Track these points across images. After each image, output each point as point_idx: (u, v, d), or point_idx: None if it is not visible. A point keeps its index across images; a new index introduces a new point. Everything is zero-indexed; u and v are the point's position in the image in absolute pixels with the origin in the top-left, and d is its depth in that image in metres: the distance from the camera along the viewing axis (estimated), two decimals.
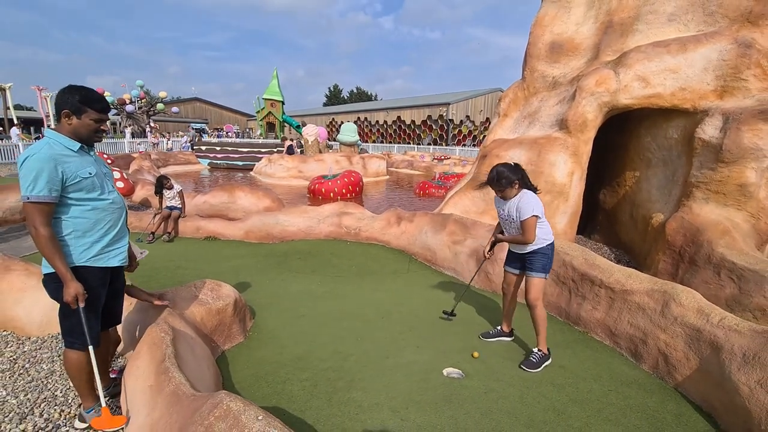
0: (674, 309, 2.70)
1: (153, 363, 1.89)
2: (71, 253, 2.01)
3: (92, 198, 2.05)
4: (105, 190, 2.13)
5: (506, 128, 6.63)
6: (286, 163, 14.74)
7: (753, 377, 2.07)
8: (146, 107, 29.52)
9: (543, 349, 2.88)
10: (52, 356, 3.01)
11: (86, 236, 2.05)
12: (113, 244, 2.18)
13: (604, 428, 2.20)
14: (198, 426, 1.35)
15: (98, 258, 2.10)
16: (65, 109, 1.98)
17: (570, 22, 6.44)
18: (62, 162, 1.93)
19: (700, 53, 4.81)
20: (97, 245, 2.09)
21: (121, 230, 2.24)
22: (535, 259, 2.88)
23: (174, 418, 1.51)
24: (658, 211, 5.27)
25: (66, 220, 2.00)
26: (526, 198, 2.78)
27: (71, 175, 1.96)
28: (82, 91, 2.01)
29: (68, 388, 2.62)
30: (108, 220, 2.14)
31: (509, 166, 2.85)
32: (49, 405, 2.47)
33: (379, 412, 2.30)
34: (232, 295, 3.25)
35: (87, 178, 2.01)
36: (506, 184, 2.80)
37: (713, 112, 4.52)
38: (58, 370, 2.83)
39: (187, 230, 6.45)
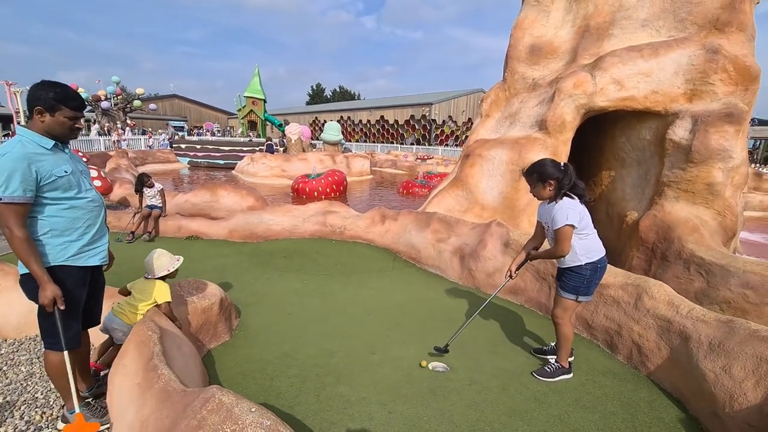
0: (646, 302, 2.84)
1: (141, 361, 1.88)
2: (49, 253, 1.97)
3: (69, 197, 2.01)
4: (82, 188, 2.08)
5: (488, 128, 6.77)
6: (269, 162, 14.60)
7: (718, 364, 2.21)
8: (122, 104, 28.65)
9: (562, 363, 2.67)
10: (30, 358, 2.94)
11: (64, 235, 2.01)
12: (92, 243, 2.14)
13: (582, 415, 2.31)
14: (191, 420, 1.36)
15: (77, 257, 2.06)
16: (38, 106, 1.91)
17: (549, 26, 6.62)
18: (36, 161, 1.87)
19: (671, 58, 5.03)
20: (75, 244, 2.04)
21: (100, 229, 2.20)
22: (571, 279, 2.54)
23: (165, 413, 1.52)
24: (632, 209, 5.49)
25: (42, 219, 1.95)
26: (565, 204, 2.42)
27: (46, 174, 1.90)
28: (57, 88, 1.95)
29: (49, 390, 2.57)
30: (86, 218, 2.09)
31: (553, 162, 2.50)
32: (29, 407, 2.42)
33: (367, 405, 2.35)
34: (217, 293, 3.24)
35: (62, 176, 1.96)
36: (536, 179, 2.48)
37: (683, 115, 4.74)
38: (37, 372, 2.77)
39: (169, 229, 6.33)
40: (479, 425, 2.19)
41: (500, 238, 4.35)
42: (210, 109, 52.21)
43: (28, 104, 1.93)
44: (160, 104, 41.43)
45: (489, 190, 5.77)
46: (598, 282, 2.58)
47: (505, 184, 5.62)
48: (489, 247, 4.37)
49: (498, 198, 5.68)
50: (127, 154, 16.03)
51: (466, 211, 5.80)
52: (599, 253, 2.54)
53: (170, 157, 18.61)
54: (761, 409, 1.89)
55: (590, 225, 2.50)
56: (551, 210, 2.46)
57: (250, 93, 21.24)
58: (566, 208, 2.39)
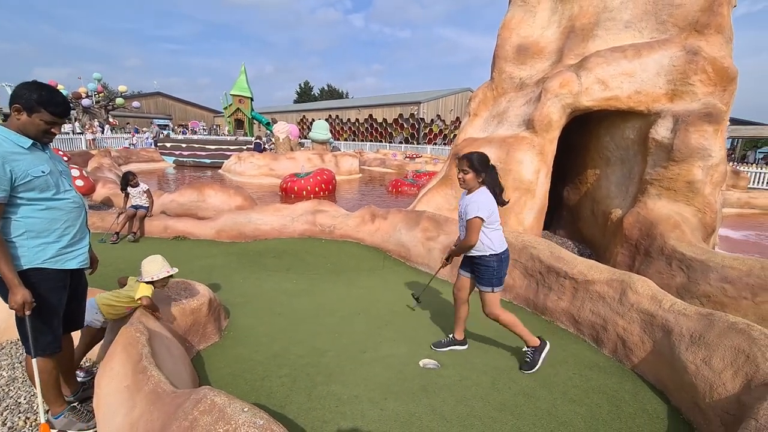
0: (631, 297, 2.91)
1: (129, 363, 1.85)
2: (23, 255, 1.90)
3: (46, 197, 1.94)
4: (60, 188, 2.02)
5: (476, 127, 6.83)
6: (257, 161, 14.46)
7: (699, 356, 2.29)
8: (104, 102, 28.00)
9: (532, 344, 2.76)
10: (12, 363, 2.87)
11: (41, 237, 1.94)
12: (72, 245, 2.07)
13: (570, 408, 2.36)
14: (182, 421, 1.36)
15: (55, 260, 1.99)
16: (17, 104, 1.87)
17: (535, 26, 6.72)
18: (11, 160, 1.81)
19: (653, 59, 5.15)
20: (53, 246, 1.98)
21: (80, 231, 2.13)
22: (480, 270, 2.70)
23: (155, 415, 1.51)
24: (617, 206, 5.61)
25: (17, 220, 1.89)
26: (477, 196, 2.58)
27: (21, 174, 1.84)
28: (43, 91, 1.89)
29: (32, 395, 2.52)
30: (65, 220, 2.02)
31: (485, 156, 2.66)
32: (12, 413, 2.37)
33: (359, 403, 2.36)
34: (206, 294, 3.20)
35: (39, 177, 1.90)
36: (471, 168, 2.58)
37: (665, 114, 4.87)
38: (20, 377, 2.71)
39: (155, 230, 6.23)
40: (470, 420, 2.22)
41: None
42: (195, 107, 51.42)
43: (10, 101, 1.88)
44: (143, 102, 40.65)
45: None
46: (505, 272, 2.75)
47: None
48: None
49: None
50: (110, 153, 15.69)
51: (456, 209, 5.84)
52: (502, 245, 2.71)
53: (155, 156, 18.28)
54: (739, 398, 1.97)
55: (498, 221, 2.69)
56: (467, 200, 2.64)
57: (237, 91, 20.96)
58: (480, 201, 2.56)
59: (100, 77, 28.28)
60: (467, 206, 2.60)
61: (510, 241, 4.12)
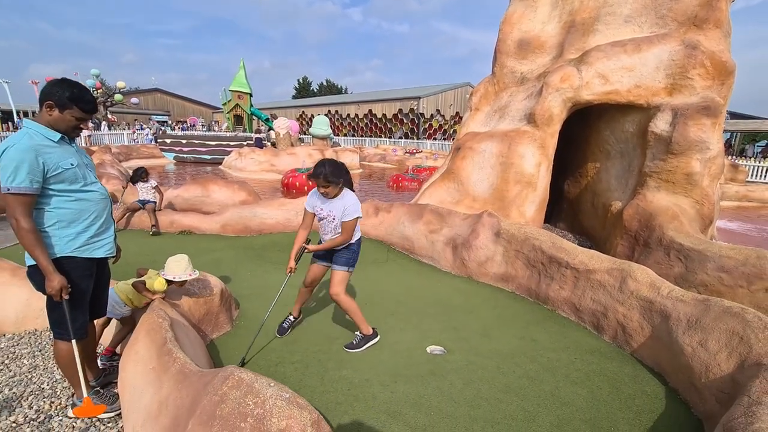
0: (630, 284, 3.01)
1: (154, 347, 1.95)
2: (56, 244, 2.00)
3: (75, 189, 2.04)
4: (88, 180, 2.12)
5: (478, 122, 6.90)
6: (258, 157, 14.52)
7: (695, 339, 2.39)
8: (103, 98, 27.93)
9: (364, 332, 2.95)
10: (32, 351, 2.96)
11: (71, 227, 2.04)
12: (99, 235, 2.17)
13: (572, 390, 2.46)
14: (213, 396, 1.45)
15: (84, 249, 2.09)
16: (50, 101, 1.95)
17: (536, 21, 6.77)
18: (43, 153, 1.90)
19: (652, 53, 5.22)
20: (82, 236, 2.08)
21: (106, 221, 2.24)
22: (343, 255, 2.91)
23: (184, 393, 1.60)
24: (617, 199, 5.70)
25: (49, 210, 1.98)
26: (353, 199, 2.77)
27: (53, 166, 1.93)
28: (75, 89, 1.98)
29: (55, 381, 2.61)
30: (92, 211, 2.12)
31: (339, 164, 2.78)
32: (36, 398, 2.46)
33: (370, 386, 2.46)
34: (218, 285, 3.30)
35: (69, 169, 1.99)
36: (334, 182, 2.69)
37: (664, 108, 4.95)
38: (41, 365, 2.80)
39: (161, 224, 6.31)
40: (476, 401, 2.33)
41: (491, 228, 4.50)
42: (194, 103, 51.26)
43: (41, 97, 1.95)
44: (142, 98, 40.51)
45: (480, 182, 5.91)
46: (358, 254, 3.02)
47: (496, 176, 5.77)
48: (481, 237, 4.51)
49: (488, 189, 5.83)
50: (111, 150, 15.73)
51: (458, 203, 5.94)
52: (359, 232, 3.01)
53: (155, 152, 18.32)
54: (733, 377, 2.07)
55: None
56: (338, 203, 2.78)
57: (236, 87, 20.96)
58: (355, 202, 2.78)
59: (98, 73, 28.19)
60: (346, 208, 2.74)
61: (512, 233, 4.23)
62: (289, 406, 1.38)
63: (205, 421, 1.40)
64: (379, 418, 2.18)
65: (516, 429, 2.13)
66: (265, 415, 1.35)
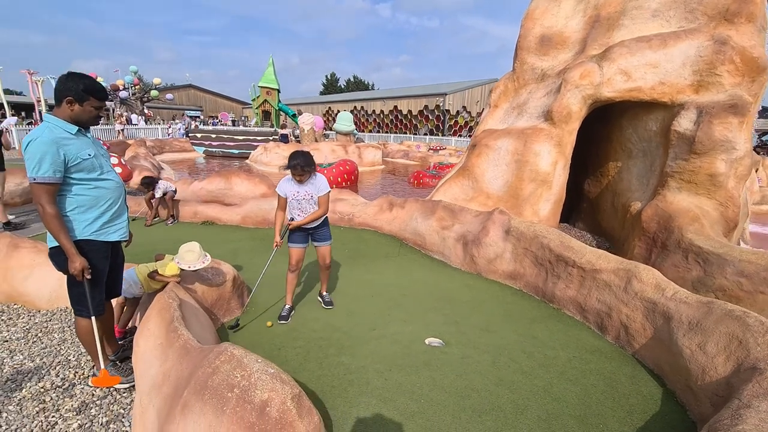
0: (635, 285, 2.97)
1: (163, 324, 2.11)
2: (75, 228, 2.18)
3: (93, 178, 2.22)
4: (104, 169, 2.30)
5: (496, 119, 6.84)
6: (282, 152, 14.86)
7: (695, 341, 2.34)
8: (140, 94, 29.26)
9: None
10: (62, 327, 3.24)
11: (89, 212, 2.22)
12: (114, 220, 2.36)
13: (565, 387, 2.47)
14: (207, 368, 1.58)
15: (100, 232, 2.28)
16: (69, 97, 2.12)
17: (560, 16, 6.62)
18: (63, 145, 2.08)
19: (679, 49, 5.03)
20: (98, 221, 2.26)
21: (120, 207, 2.42)
22: (325, 230, 3.41)
23: (184, 365, 1.75)
24: (637, 199, 5.54)
25: (70, 197, 2.17)
26: (323, 178, 3.28)
27: (72, 157, 2.11)
28: (85, 80, 2.16)
29: (80, 354, 2.86)
30: (108, 198, 2.31)
31: (308, 154, 3.22)
32: (63, 368, 2.70)
33: (365, 373, 2.56)
34: (230, 272, 3.48)
35: (87, 159, 2.17)
36: (308, 170, 3.16)
37: (689, 106, 4.76)
38: (69, 339, 3.06)
39: (185, 214, 6.64)
40: (467, 392, 2.38)
41: (502, 225, 4.49)
42: (225, 98, 52.75)
43: (58, 94, 2.12)
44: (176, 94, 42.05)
45: (494, 180, 5.88)
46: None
47: (510, 174, 5.72)
48: (491, 234, 4.51)
49: (503, 187, 5.79)
50: (145, 143, 16.51)
51: (471, 200, 5.93)
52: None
53: (186, 146, 19.07)
54: (728, 381, 2.03)
55: None
56: (313, 183, 3.24)
57: (265, 83, 21.44)
58: (325, 179, 3.29)
59: (136, 70, 29.53)
60: (320, 187, 3.25)
61: (522, 231, 4.22)
62: (273, 380, 1.49)
63: (198, 390, 1.53)
64: (370, 403, 2.27)
65: (503, 420, 2.17)
66: (249, 387, 1.47)
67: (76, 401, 2.35)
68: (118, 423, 2.20)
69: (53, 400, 2.35)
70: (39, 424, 2.15)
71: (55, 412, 2.26)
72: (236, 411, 1.43)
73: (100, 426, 2.17)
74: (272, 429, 1.40)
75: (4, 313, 3.46)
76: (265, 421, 1.42)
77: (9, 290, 3.63)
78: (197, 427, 1.45)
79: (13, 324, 3.28)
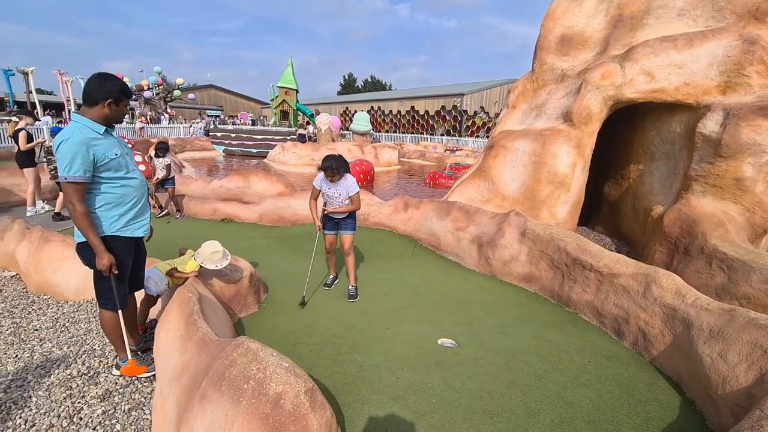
0: (655, 290, 2.90)
1: (182, 317, 2.19)
2: (102, 224, 2.28)
3: (119, 176, 2.31)
4: (129, 168, 2.39)
5: (514, 120, 6.77)
6: (299, 151, 15.05)
7: (715, 349, 2.28)
8: (163, 94, 30.02)
9: (355, 284, 3.94)
10: (88, 317, 3.38)
11: (115, 209, 2.32)
12: (137, 216, 2.45)
13: (579, 392, 2.44)
14: (224, 360, 1.64)
15: (125, 229, 2.37)
16: (110, 98, 2.21)
17: (581, 15, 6.51)
18: (93, 145, 2.16)
19: (705, 49, 4.88)
20: (124, 217, 2.35)
21: (144, 205, 2.52)
22: (350, 222, 3.83)
23: (202, 357, 1.81)
24: (659, 203, 5.40)
25: (98, 195, 2.26)
26: (352, 179, 3.66)
27: (101, 157, 2.19)
28: (119, 82, 2.26)
29: (105, 344, 2.97)
30: (133, 195, 2.40)
31: (340, 157, 3.59)
32: (89, 356, 2.82)
33: (377, 371, 2.58)
34: (248, 269, 3.56)
35: (114, 158, 2.26)
36: (339, 171, 3.53)
37: (715, 108, 4.62)
38: (94, 329, 3.19)
39: (205, 212, 6.80)
40: (479, 393, 2.38)
41: (518, 227, 4.45)
42: (244, 98, 53.67)
43: (95, 95, 2.19)
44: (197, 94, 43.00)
45: (511, 181, 5.83)
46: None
47: (527, 176, 5.66)
48: (507, 236, 4.47)
49: (519, 189, 5.73)
50: (168, 142, 16.95)
51: (487, 201, 5.89)
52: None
53: (206, 145, 19.49)
54: (749, 391, 1.97)
55: None
56: (343, 184, 3.62)
57: (283, 83, 21.72)
58: (355, 181, 3.67)
59: (160, 70, 30.30)
60: (350, 187, 3.64)
61: (538, 233, 4.18)
62: (287, 373, 1.54)
63: (216, 381, 1.58)
64: (381, 400, 2.29)
65: (515, 423, 2.16)
66: (265, 380, 1.51)
67: (100, 389, 2.45)
68: (139, 411, 2.29)
69: (79, 387, 2.46)
70: (66, 409, 2.26)
71: (80, 398, 2.36)
72: (251, 402, 1.48)
73: (122, 413, 2.26)
74: (286, 421, 1.44)
75: (35, 303, 3.62)
76: (279, 413, 1.46)
77: (40, 281, 3.80)
78: (214, 417, 1.50)
79: (42, 313, 3.43)
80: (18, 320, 3.30)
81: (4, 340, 2.99)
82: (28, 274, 3.92)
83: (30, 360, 2.74)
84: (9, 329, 3.15)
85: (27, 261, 3.93)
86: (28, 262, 3.92)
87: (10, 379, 2.51)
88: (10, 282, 4.07)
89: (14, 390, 2.41)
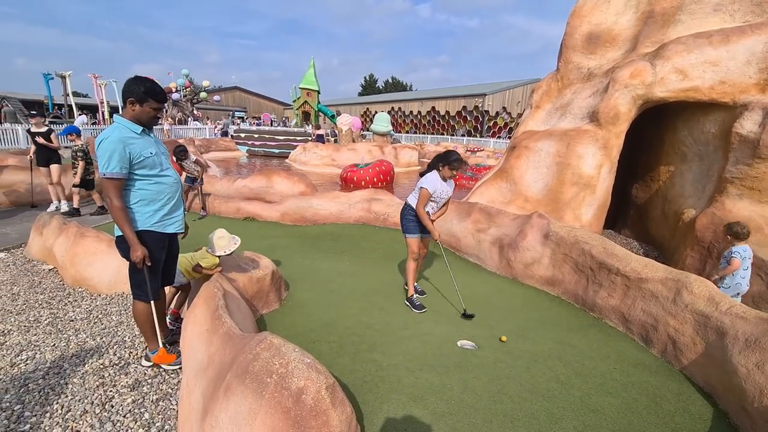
0: (686, 297, 2.79)
1: (208, 312, 2.25)
2: (138, 219, 2.38)
3: (154, 174, 2.41)
4: (164, 167, 2.49)
5: (538, 120, 6.65)
6: (320, 152, 15.19)
7: (752, 360, 2.18)
8: (190, 96, 30.94)
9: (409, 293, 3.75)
10: (119, 310, 3.52)
11: (150, 205, 2.42)
12: (171, 213, 2.54)
13: (604, 399, 2.38)
14: (248, 354, 1.68)
15: (160, 224, 2.47)
16: (131, 98, 2.32)
17: (609, 13, 6.34)
18: (129, 144, 2.27)
19: (743, 45, 4.67)
20: (158, 213, 2.45)
21: (177, 202, 2.61)
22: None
23: (227, 351, 1.86)
24: (691, 206, 5.20)
25: (134, 191, 2.37)
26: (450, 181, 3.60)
27: (137, 155, 2.30)
28: (147, 84, 2.35)
29: (135, 336, 3.09)
30: (167, 192, 2.49)
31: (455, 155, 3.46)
32: (120, 347, 2.94)
33: (396, 371, 2.58)
34: (270, 266, 3.63)
35: (149, 157, 2.36)
36: (459, 167, 3.45)
37: (753, 107, 4.41)
38: (125, 322, 3.32)
39: (229, 210, 6.97)
40: (499, 397, 2.35)
41: (540, 229, 4.37)
42: (268, 100, 54.67)
43: (123, 95, 2.34)
44: (223, 96, 44.09)
45: (534, 183, 5.72)
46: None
47: (551, 177, 5.55)
48: (528, 238, 4.40)
49: (543, 190, 5.62)
50: (194, 142, 17.46)
51: (509, 203, 5.81)
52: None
53: (230, 145, 19.95)
54: None
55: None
56: (449, 185, 3.58)
57: (305, 84, 22.02)
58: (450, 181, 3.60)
59: (188, 73, 31.24)
60: (451, 189, 3.59)
61: (562, 236, 4.10)
62: (309, 369, 1.56)
63: (240, 374, 1.63)
64: (401, 400, 2.29)
65: (537, 428, 2.12)
66: (287, 374, 1.54)
67: (130, 378, 2.55)
68: (167, 401, 2.37)
69: (111, 377, 2.57)
70: (99, 397, 2.36)
71: (112, 387, 2.47)
72: (274, 396, 1.51)
73: (150, 402, 2.35)
74: (307, 415, 1.46)
75: (71, 295, 3.80)
76: (301, 407, 1.49)
77: (75, 274, 3.98)
78: (239, 409, 1.54)
79: (77, 305, 3.60)
80: (55, 311, 3.47)
81: (42, 329, 3.16)
82: (64, 268, 4.11)
83: (66, 349, 2.88)
84: (47, 319, 3.32)
85: (64, 255, 4.13)
86: (64, 256, 4.11)
87: (48, 367, 2.65)
88: (48, 275, 4.29)
89: (52, 377, 2.54)
